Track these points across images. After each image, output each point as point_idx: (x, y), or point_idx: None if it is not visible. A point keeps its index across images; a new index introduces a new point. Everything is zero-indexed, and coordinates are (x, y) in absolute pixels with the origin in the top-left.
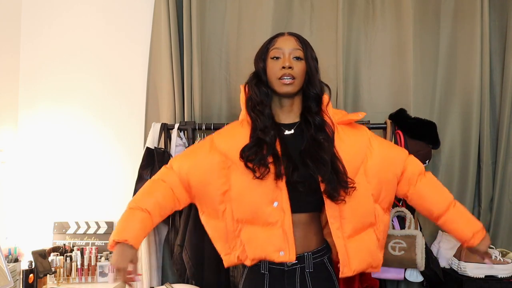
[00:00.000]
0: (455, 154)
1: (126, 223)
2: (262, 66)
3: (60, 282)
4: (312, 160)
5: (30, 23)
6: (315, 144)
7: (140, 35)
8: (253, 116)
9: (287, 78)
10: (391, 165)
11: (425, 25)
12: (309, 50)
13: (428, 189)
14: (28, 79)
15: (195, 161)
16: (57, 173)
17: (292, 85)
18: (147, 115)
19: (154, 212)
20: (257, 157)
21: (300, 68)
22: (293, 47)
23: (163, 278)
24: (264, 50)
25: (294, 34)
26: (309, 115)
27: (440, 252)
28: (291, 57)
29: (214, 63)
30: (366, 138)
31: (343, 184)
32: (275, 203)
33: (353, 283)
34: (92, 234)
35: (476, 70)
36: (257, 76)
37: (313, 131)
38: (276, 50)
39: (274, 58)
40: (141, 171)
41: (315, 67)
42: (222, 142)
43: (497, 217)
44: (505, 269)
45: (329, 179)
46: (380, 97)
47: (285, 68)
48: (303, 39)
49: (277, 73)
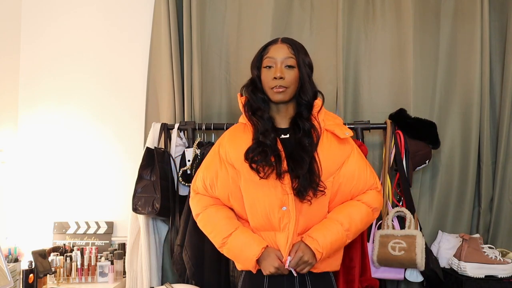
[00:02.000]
0: (455, 154)
1: (245, 239)
2: (257, 74)
3: (60, 282)
4: (292, 161)
5: (30, 23)
6: (299, 146)
7: (140, 35)
8: (255, 121)
9: (278, 87)
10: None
11: (425, 25)
12: (302, 57)
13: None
14: (28, 79)
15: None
16: (57, 173)
17: (283, 93)
18: (147, 115)
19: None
20: (261, 157)
21: (292, 76)
22: (285, 56)
23: (163, 278)
24: (258, 58)
25: (288, 40)
26: (300, 120)
27: (440, 252)
28: (283, 66)
29: (214, 63)
30: (348, 151)
31: (313, 185)
32: (284, 207)
33: (353, 283)
34: (92, 234)
35: (476, 70)
36: (253, 82)
37: (300, 135)
38: (268, 59)
39: (267, 67)
40: (141, 171)
41: (308, 73)
42: (227, 153)
43: (497, 217)
44: (505, 269)
45: (303, 178)
46: (380, 97)
47: (277, 78)
48: (297, 45)
49: (270, 83)
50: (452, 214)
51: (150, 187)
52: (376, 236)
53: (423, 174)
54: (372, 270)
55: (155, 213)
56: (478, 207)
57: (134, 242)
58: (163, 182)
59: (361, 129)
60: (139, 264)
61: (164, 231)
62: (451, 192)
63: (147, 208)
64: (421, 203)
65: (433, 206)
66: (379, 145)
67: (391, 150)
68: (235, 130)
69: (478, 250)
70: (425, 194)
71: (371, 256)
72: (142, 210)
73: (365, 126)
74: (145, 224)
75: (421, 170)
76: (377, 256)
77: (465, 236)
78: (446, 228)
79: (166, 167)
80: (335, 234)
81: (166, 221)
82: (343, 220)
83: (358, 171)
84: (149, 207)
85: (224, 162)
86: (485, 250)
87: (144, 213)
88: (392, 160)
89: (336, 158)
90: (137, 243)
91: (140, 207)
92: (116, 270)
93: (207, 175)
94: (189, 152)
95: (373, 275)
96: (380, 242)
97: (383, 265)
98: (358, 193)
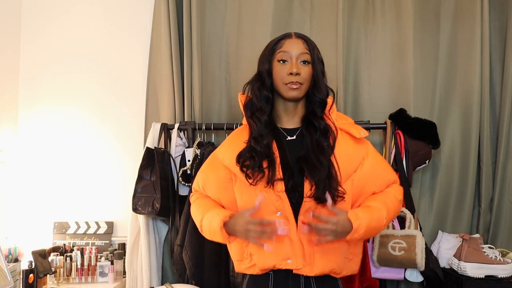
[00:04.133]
0: (455, 154)
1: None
2: (267, 68)
3: (60, 282)
4: (308, 165)
5: (30, 23)
6: (318, 149)
7: (140, 35)
8: (251, 122)
9: (294, 83)
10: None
11: (425, 25)
12: (316, 53)
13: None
14: (28, 79)
15: (207, 178)
16: (57, 173)
17: (299, 89)
18: (147, 115)
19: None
20: (251, 163)
21: (307, 72)
22: (300, 51)
23: (163, 278)
24: (270, 51)
25: (302, 36)
26: (314, 119)
27: (440, 252)
28: (298, 62)
29: (214, 63)
30: (364, 151)
31: (332, 190)
32: (278, 212)
33: (353, 283)
34: (92, 234)
35: (476, 70)
36: (260, 78)
37: (317, 136)
38: (283, 53)
39: (281, 61)
40: (141, 171)
41: (322, 70)
42: (223, 155)
43: (497, 217)
44: (505, 269)
45: (322, 184)
46: (380, 97)
47: (293, 74)
48: (311, 41)
49: (284, 79)
50: (452, 214)
51: (150, 187)
52: (376, 236)
53: (423, 174)
54: (372, 270)
55: (155, 213)
56: (478, 207)
57: (134, 242)
58: (163, 182)
59: None
60: (139, 264)
61: (164, 231)
62: (451, 192)
63: (147, 208)
64: (421, 203)
65: (433, 206)
66: (379, 145)
67: (391, 150)
68: (236, 132)
69: (478, 250)
70: (425, 194)
71: (371, 256)
72: (142, 210)
73: (365, 126)
74: (145, 224)
75: (421, 170)
76: (377, 256)
77: (465, 236)
78: (446, 228)
79: (166, 167)
80: (378, 220)
81: (166, 221)
82: (380, 207)
83: (379, 170)
84: (149, 207)
85: (221, 163)
86: (485, 250)
87: (144, 213)
88: (392, 160)
89: (353, 159)
90: (137, 243)
91: (140, 207)
92: (116, 270)
93: (201, 176)
94: (189, 152)
95: (373, 275)
96: (380, 242)
97: (383, 265)
98: (380, 191)
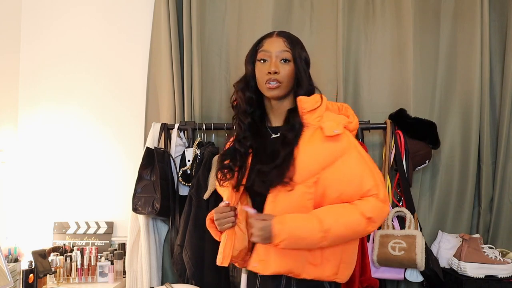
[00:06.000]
0: (455, 154)
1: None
2: (251, 69)
3: (60, 282)
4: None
5: (30, 23)
6: (282, 143)
7: (140, 35)
8: (235, 124)
9: (272, 83)
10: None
11: (425, 25)
12: (298, 51)
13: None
14: (28, 79)
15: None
16: (57, 173)
17: (278, 89)
18: (147, 115)
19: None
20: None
21: (287, 70)
22: (280, 49)
23: (163, 278)
24: (253, 52)
25: (283, 33)
26: (290, 116)
27: (440, 252)
28: (278, 60)
29: (214, 63)
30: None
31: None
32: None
33: (353, 283)
34: (92, 234)
35: (476, 70)
36: (245, 80)
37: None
38: (263, 53)
39: (262, 60)
40: (141, 171)
41: (304, 68)
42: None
43: (497, 217)
44: (505, 269)
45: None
46: (380, 97)
47: (271, 73)
48: (293, 38)
49: (264, 78)
50: (452, 214)
51: (150, 187)
52: (376, 236)
53: (423, 174)
54: (372, 270)
55: (155, 213)
56: (478, 207)
57: (134, 242)
58: (163, 182)
59: (361, 129)
60: (139, 264)
61: (164, 231)
62: (451, 192)
63: (147, 208)
64: (421, 203)
65: (433, 206)
66: (379, 145)
67: (391, 150)
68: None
69: (478, 250)
70: (425, 194)
71: (371, 256)
72: (142, 210)
73: (365, 126)
74: (145, 224)
75: (421, 170)
76: (377, 256)
77: (465, 236)
78: (446, 228)
79: (166, 167)
80: (309, 231)
81: (166, 221)
82: (324, 219)
83: (351, 175)
84: (149, 207)
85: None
86: (485, 250)
87: (144, 213)
88: (392, 160)
89: (319, 156)
90: (137, 243)
91: (140, 207)
92: (116, 270)
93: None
94: (189, 152)
95: (373, 275)
96: (380, 242)
97: (383, 265)
98: (349, 200)
